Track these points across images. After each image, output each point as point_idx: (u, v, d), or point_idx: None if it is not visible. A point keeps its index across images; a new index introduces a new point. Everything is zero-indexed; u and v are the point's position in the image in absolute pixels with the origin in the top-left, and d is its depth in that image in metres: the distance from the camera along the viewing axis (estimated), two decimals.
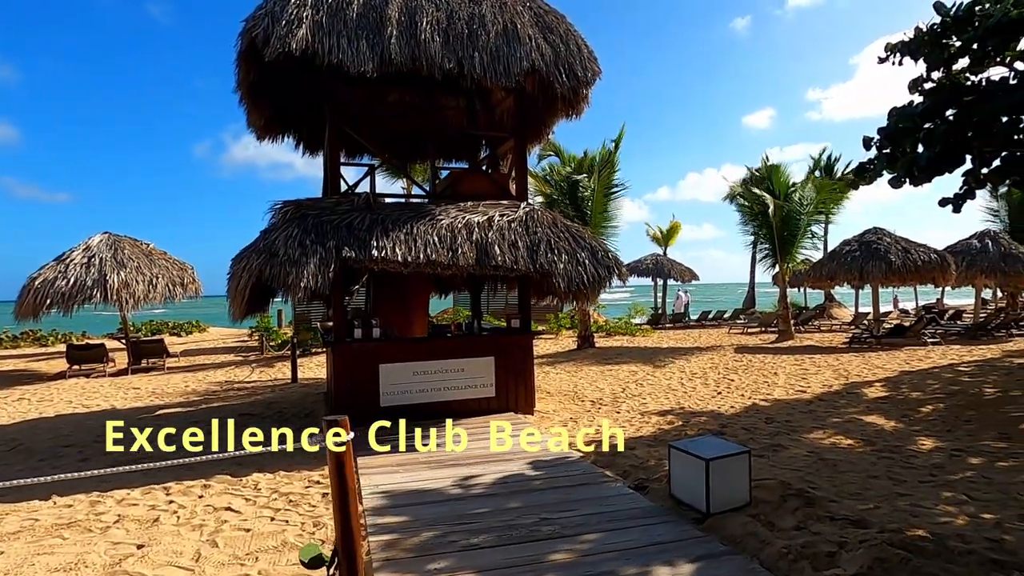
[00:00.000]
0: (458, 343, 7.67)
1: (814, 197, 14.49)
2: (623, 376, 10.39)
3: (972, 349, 11.43)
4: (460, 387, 7.56)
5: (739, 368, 10.69)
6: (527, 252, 7.03)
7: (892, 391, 7.86)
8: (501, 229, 7.16)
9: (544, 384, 10.08)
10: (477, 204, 7.56)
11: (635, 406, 8.00)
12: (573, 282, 6.96)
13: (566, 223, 7.59)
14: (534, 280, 7.33)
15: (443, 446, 6.13)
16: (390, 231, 6.77)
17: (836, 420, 6.58)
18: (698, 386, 9.18)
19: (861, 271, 12.92)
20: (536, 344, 16.62)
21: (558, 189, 13.67)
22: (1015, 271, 13.63)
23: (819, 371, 9.79)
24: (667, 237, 26.47)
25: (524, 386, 7.82)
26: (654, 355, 13.05)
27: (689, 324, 23.17)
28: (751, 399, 8.03)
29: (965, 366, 9.23)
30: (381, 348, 7.28)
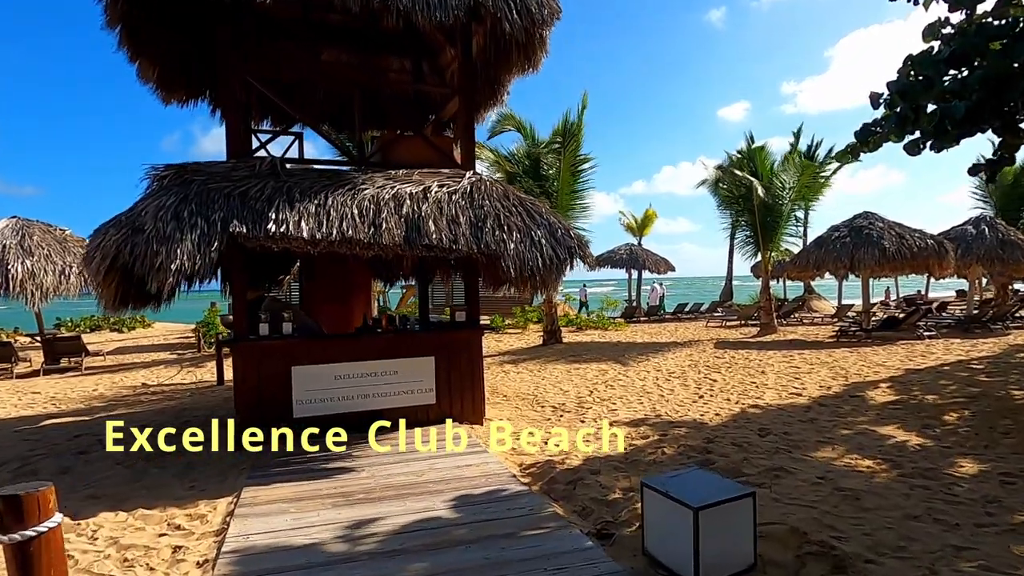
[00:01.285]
0: (391, 341, 6.29)
1: (797, 180, 13.44)
2: (591, 376, 9.14)
3: (976, 343, 10.51)
4: (393, 393, 6.21)
5: (721, 366, 9.54)
6: (470, 229, 5.68)
7: (902, 394, 6.75)
8: (439, 202, 5.79)
9: (502, 386, 8.78)
10: (412, 172, 6.18)
11: (603, 413, 6.75)
12: (526, 265, 5.63)
13: (520, 195, 6.26)
14: (480, 263, 5.99)
15: (360, 470, 4.79)
16: (297, 202, 5.35)
17: (845, 432, 5.41)
18: (676, 388, 7.97)
19: (852, 259, 11.92)
20: (499, 340, 15.36)
21: (520, 167, 12.32)
22: (1013, 259, 12.82)
23: (812, 369, 8.68)
24: (642, 226, 25.40)
25: (472, 390, 6.50)
26: (627, 351, 11.85)
27: (664, 317, 22.14)
28: (739, 404, 6.84)
29: (976, 363, 8.22)
30: (294, 347, 5.88)
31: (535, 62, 6.65)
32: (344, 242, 5.21)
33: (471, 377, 6.50)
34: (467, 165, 6.62)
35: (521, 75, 7.03)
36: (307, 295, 8.74)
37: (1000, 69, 4.85)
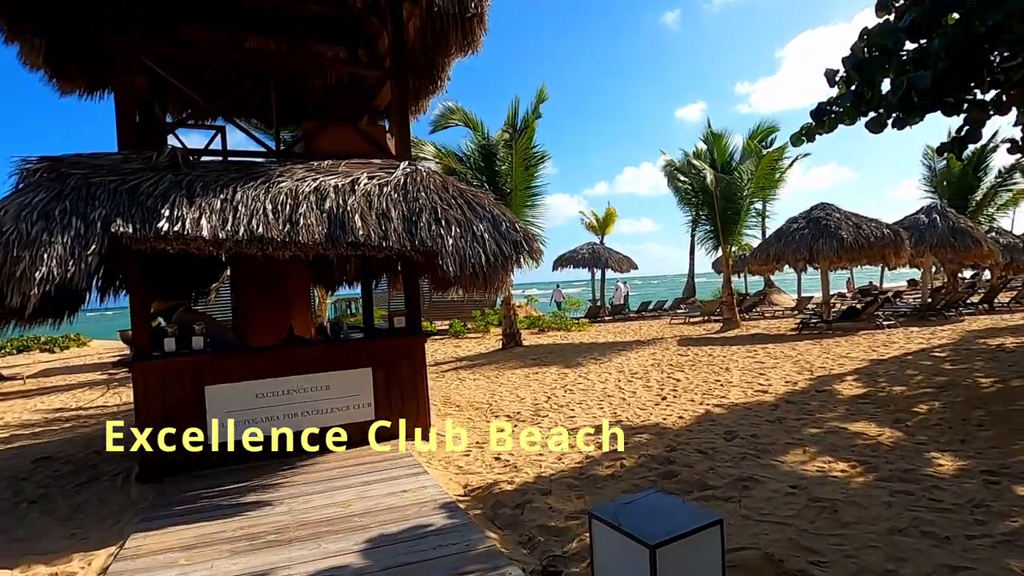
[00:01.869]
0: (322, 353, 5.61)
1: (754, 172, 13.31)
2: (550, 380, 8.62)
3: (934, 331, 10.50)
4: (326, 410, 5.54)
5: (685, 364, 9.18)
6: (403, 224, 5.08)
7: (870, 386, 6.48)
8: (368, 195, 5.17)
9: (455, 395, 8.17)
10: (338, 164, 5.54)
11: (560, 421, 6.23)
12: (467, 263, 5.06)
13: (460, 187, 5.69)
14: (416, 262, 5.37)
15: (277, 503, 4.12)
16: (199, 197, 4.65)
17: (815, 431, 5.03)
18: (639, 389, 7.53)
19: (811, 250, 11.81)
20: (458, 346, 14.70)
21: (472, 164, 11.71)
22: (964, 246, 13.00)
23: (777, 364, 8.40)
24: (603, 225, 25.19)
25: (415, 403, 5.88)
26: (589, 352, 11.41)
27: (629, 316, 21.93)
28: (703, 404, 6.43)
29: (939, 351, 8.08)
30: (206, 364, 5.13)
31: (475, 41, 6.09)
32: (254, 242, 4.52)
33: (414, 388, 5.88)
34: (402, 155, 6.01)
35: (461, 56, 6.47)
36: (239, 305, 7.93)
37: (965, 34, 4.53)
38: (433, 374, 10.14)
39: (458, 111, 11.39)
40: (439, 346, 14.15)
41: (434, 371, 10.47)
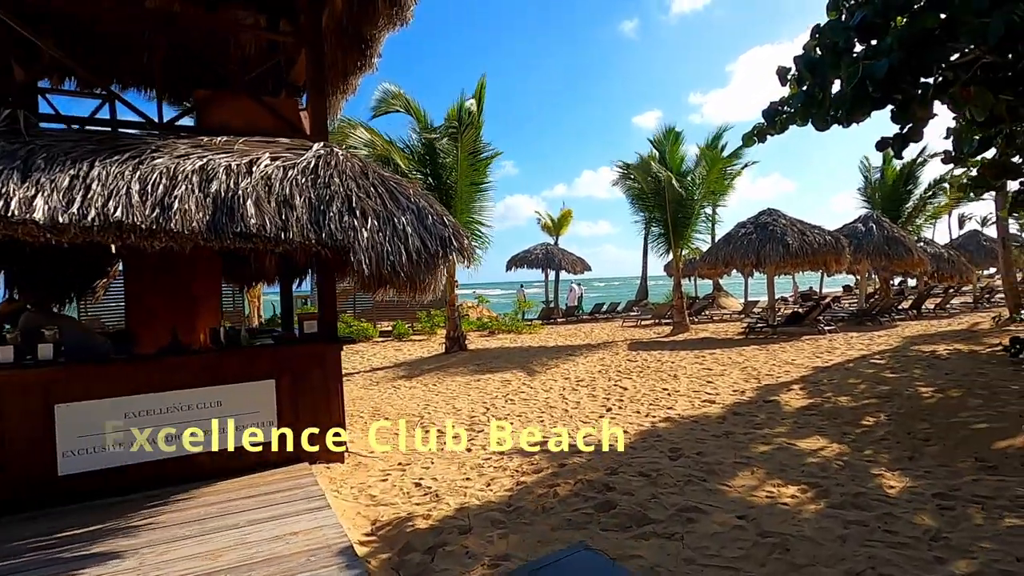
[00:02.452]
0: (212, 362, 4.78)
1: (706, 175, 13.20)
2: (492, 389, 8.02)
3: (872, 336, 10.58)
4: (216, 430, 4.70)
5: (633, 370, 8.79)
6: (309, 214, 4.33)
7: (815, 396, 6.22)
8: (268, 178, 4.40)
9: (387, 405, 7.43)
10: (235, 140, 4.73)
11: (495, 438, 5.62)
12: (385, 260, 4.37)
13: (382, 174, 4.99)
14: (323, 258, 4.64)
15: (129, 555, 3.30)
16: (38, 172, 3.76)
17: (763, 449, 4.64)
18: (583, 399, 7.04)
19: (758, 255, 11.76)
20: (399, 349, 13.85)
21: (412, 156, 10.94)
22: (898, 254, 13.33)
23: (724, 371, 8.11)
24: (558, 226, 24.87)
25: (328, 419, 5.12)
26: (537, 357, 10.89)
27: (582, 318, 21.67)
28: (648, 416, 6.00)
29: (878, 358, 8.01)
30: (58, 377, 4.22)
31: (403, 10, 5.42)
32: (109, 228, 3.67)
33: (327, 403, 5.12)
34: (318, 135, 5.25)
35: (391, 30, 5.77)
36: (131, 305, 6.91)
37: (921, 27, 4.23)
38: (368, 381, 9.35)
39: (399, 96, 10.58)
40: (379, 349, 13.30)
41: (369, 377, 9.68)
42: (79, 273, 7.00)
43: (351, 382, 9.34)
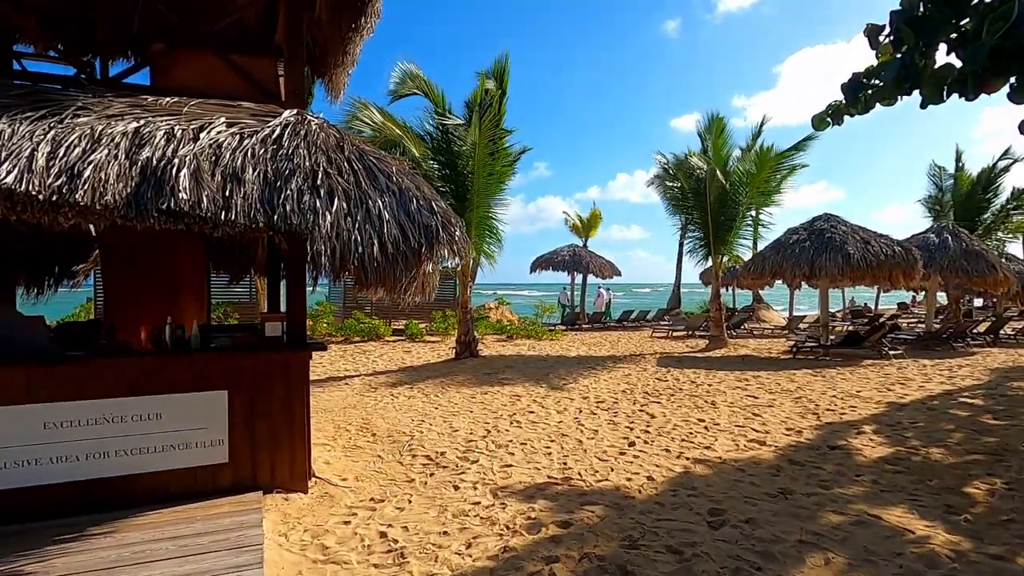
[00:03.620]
0: (152, 368, 3.97)
1: (754, 174, 11.87)
2: (498, 405, 7.05)
3: (950, 366, 9.13)
4: (153, 448, 3.92)
5: (663, 391, 7.68)
6: (261, 191, 3.47)
7: (896, 444, 5.01)
8: (217, 147, 3.56)
9: (378, 419, 6.57)
10: (186, 102, 3.91)
11: (491, 470, 4.66)
12: (351, 252, 3.47)
13: (362, 148, 4.10)
14: (278, 245, 3.77)
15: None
16: None
17: (837, 521, 3.52)
18: (603, 427, 6.00)
19: (812, 265, 10.42)
20: (408, 351, 12.93)
21: (429, 143, 10.05)
22: (978, 270, 11.70)
23: (774, 400, 6.92)
24: (587, 227, 23.68)
25: (290, 440, 4.27)
26: (554, 369, 9.86)
27: (608, 326, 20.46)
28: (680, 456, 4.92)
29: (968, 395, 6.67)
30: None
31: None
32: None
33: (288, 419, 4.26)
34: (293, 101, 4.39)
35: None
36: (108, 292, 6.24)
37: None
38: (366, 386, 8.53)
39: (418, 78, 9.71)
40: (387, 350, 12.51)
41: (369, 382, 8.86)
42: (55, 256, 6.39)
43: (348, 386, 8.55)
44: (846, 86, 5.21)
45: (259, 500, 3.98)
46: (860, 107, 5.22)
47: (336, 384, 8.72)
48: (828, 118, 5.44)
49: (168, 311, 5.76)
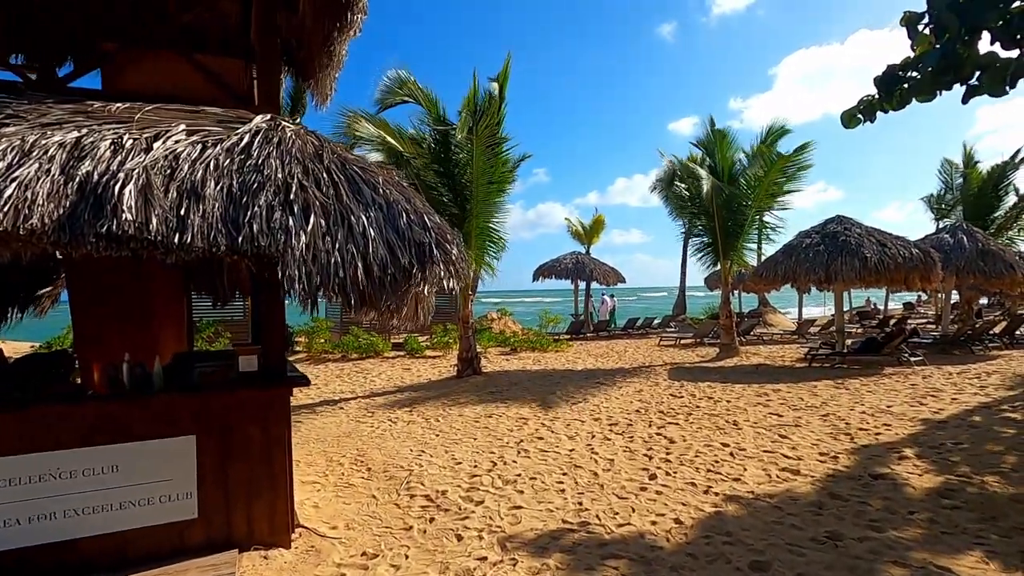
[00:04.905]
0: (108, 412, 3.46)
1: (763, 177, 11.39)
2: (504, 431, 6.52)
3: (977, 372, 8.62)
4: (109, 506, 3.41)
5: (680, 411, 7.16)
6: (224, 208, 2.98)
7: (946, 471, 4.50)
8: (173, 158, 3.08)
9: (374, 448, 6.05)
10: (139, 108, 3.43)
11: (499, 513, 4.14)
12: (332, 275, 2.98)
13: (345, 156, 3.61)
14: (248, 269, 3.28)
15: None
16: None
17: (900, 572, 3.00)
18: (618, 454, 5.47)
19: (827, 269, 9.92)
20: (408, 368, 12.27)
21: (427, 152, 9.55)
22: (995, 271, 11.19)
23: (800, 418, 6.39)
24: (590, 234, 23.20)
25: (271, 488, 3.76)
26: (562, 385, 9.33)
27: (614, 334, 19.93)
28: (708, 492, 4.39)
29: (1009, 408, 6.13)
30: None
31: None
32: None
33: (268, 465, 3.75)
34: (267, 106, 3.91)
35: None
36: (77, 321, 5.74)
37: None
38: (362, 410, 8.00)
39: (407, 84, 9.23)
40: (386, 367, 11.98)
41: (366, 405, 8.33)
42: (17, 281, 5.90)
43: (343, 410, 8.01)
44: (880, 80, 4.70)
45: (233, 561, 3.46)
46: (895, 102, 4.71)
47: (331, 408, 8.19)
48: (859, 115, 4.92)
49: (143, 339, 5.29)
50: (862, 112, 4.86)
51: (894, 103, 4.61)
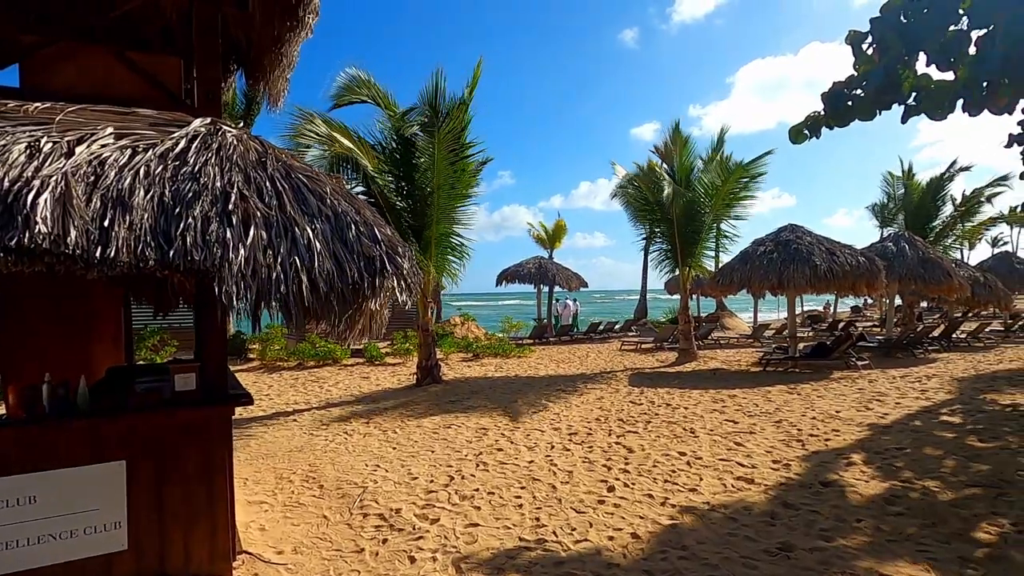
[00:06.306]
0: (23, 437, 3.18)
1: (720, 186, 11.69)
2: (463, 441, 6.41)
3: (918, 376, 9.05)
4: (27, 541, 3.13)
5: (639, 419, 7.22)
6: (155, 219, 2.77)
7: (888, 476, 4.68)
8: (99, 164, 2.85)
9: (327, 464, 5.83)
10: (60, 108, 3.18)
11: (454, 532, 4.03)
12: (272, 292, 2.81)
13: (290, 164, 3.44)
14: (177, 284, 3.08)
15: None
16: None
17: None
18: (577, 465, 5.45)
19: (780, 277, 10.25)
20: (367, 376, 11.86)
21: (383, 155, 9.34)
22: (934, 278, 11.83)
23: (754, 425, 6.55)
24: (552, 238, 23.34)
25: (210, 515, 3.54)
26: (523, 392, 9.29)
27: (576, 338, 20.08)
28: (665, 504, 4.42)
29: (948, 413, 6.45)
30: None
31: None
32: None
33: (207, 488, 3.53)
34: (207, 109, 3.70)
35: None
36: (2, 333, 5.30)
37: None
38: (316, 422, 7.73)
39: (365, 84, 8.99)
40: (343, 376, 11.65)
41: (320, 417, 8.05)
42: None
43: (296, 423, 7.72)
44: (827, 96, 4.86)
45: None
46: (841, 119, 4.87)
47: (282, 421, 7.88)
48: (806, 131, 5.07)
49: (71, 355, 4.94)
50: (809, 128, 5.00)
51: (840, 119, 4.78)
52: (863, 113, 4.51)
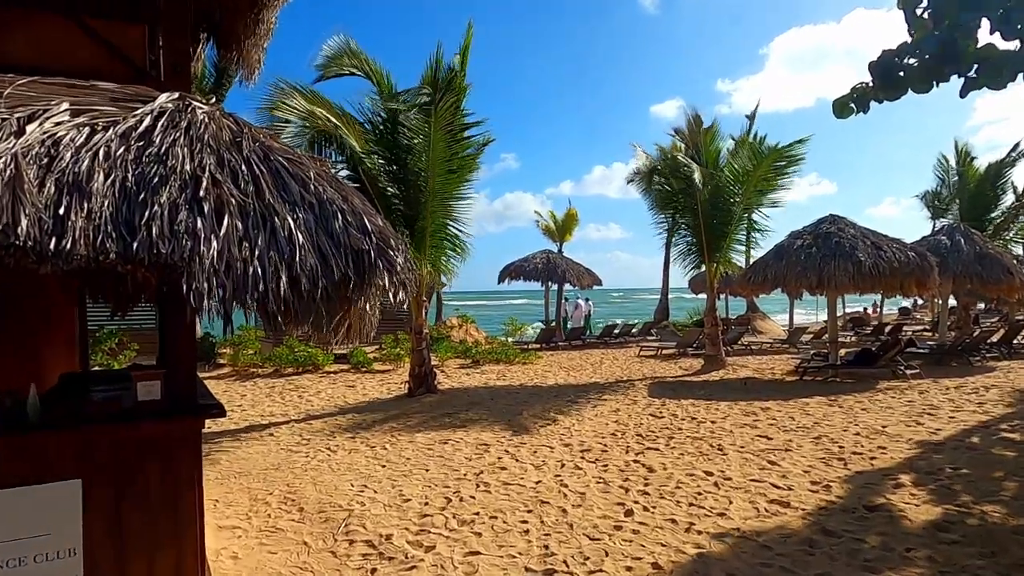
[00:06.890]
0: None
1: (752, 172, 11.66)
2: (461, 459, 6.42)
3: (975, 387, 9.02)
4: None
5: (660, 434, 7.22)
6: (116, 208, 2.76)
7: (945, 500, 4.67)
8: (52, 143, 2.85)
9: (308, 483, 5.85)
10: (11, 81, 3.17)
11: (452, 562, 4.03)
12: (249, 289, 2.80)
13: (269, 145, 3.44)
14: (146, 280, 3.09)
15: None
16: None
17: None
18: (591, 487, 5.45)
19: (820, 274, 10.22)
20: (352, 385, 11.85)
21: (372, 133, 9.33)
22: (993, 276, 11.78)
23: (790, 441, 6.54)
24: (562, 229, 23.34)
25: (176, 538, 3.54)
26: (529, 404, 9.29)
27: (589, 342, 20.07)
28: (690, 530, 4.41)
29: (1008, 427, 6.43)
30: None
31: None
32: None
33: (173, 511, 3.53)
34: (175, 82, 3.69)
35: None
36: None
37: None
38: (295, 437, 7.74)
39: (354, 55, 8.98)
40: (326, 384, 11.68)
41: (300, 431, 8.07)
42: None
43: (273, 437, 7.73)
44: (875, 66, 4.82)
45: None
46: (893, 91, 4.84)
47: (258, 435, 7.89)
48: (852, 104, 5.05)
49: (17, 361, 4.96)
50: (855, 101, 4.97)
51: (889, 92, 4.75)
52: (917, 84, 4.48)
